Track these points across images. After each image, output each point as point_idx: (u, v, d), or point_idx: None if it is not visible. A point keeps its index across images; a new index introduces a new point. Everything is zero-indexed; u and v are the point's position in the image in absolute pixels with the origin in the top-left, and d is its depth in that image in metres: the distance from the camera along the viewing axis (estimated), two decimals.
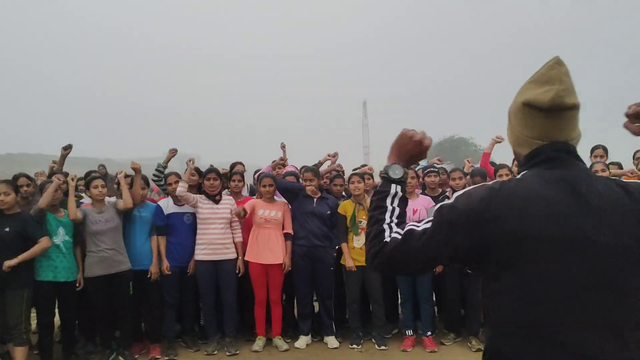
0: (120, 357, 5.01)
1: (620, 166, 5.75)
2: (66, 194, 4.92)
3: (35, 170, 5.71)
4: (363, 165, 7.07)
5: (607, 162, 5.66)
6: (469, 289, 5.21)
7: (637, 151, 6.21)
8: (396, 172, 1.56)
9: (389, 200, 1.53)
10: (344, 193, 5.87)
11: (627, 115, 1.70)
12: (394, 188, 1.55)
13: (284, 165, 6.03)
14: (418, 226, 1.41)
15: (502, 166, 5.55)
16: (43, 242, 4.56)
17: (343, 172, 6.40)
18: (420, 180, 5.91)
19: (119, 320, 5.03)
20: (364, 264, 5.14)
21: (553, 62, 1.42)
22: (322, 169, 6.39)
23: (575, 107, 1.41)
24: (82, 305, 4.96)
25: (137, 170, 5.10)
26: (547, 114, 1.40)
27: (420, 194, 5.56)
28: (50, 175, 5.24)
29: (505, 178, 5.35)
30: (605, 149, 6.14)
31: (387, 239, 1.44)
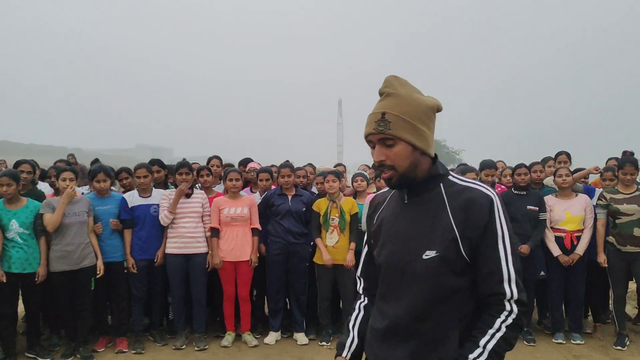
0: (78, 351, 4.90)
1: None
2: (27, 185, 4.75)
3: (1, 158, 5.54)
4: (337, 165, 7.10)
5: (571, 169, 5.80)
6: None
7: (609, 159, 6.38)
8: None
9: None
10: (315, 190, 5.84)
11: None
12: None
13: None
14: None
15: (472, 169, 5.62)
16: None
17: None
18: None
19: (78, 314, 4.91)
20: (336, 262, 5.18)
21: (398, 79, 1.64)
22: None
23: None
24: (47, 297, 4.83)
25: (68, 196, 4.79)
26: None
27: None
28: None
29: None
30: (568, 155, 6.31)
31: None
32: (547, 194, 5.53)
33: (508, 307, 1.50)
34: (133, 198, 5.22)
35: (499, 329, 1.49)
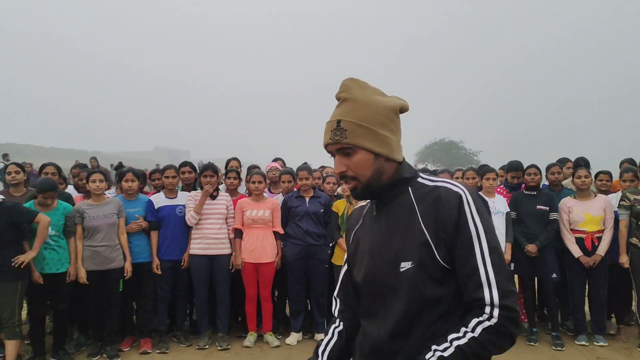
0: (105, 350, 5.01)
1: (610, 176, 5.86)
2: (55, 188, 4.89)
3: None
4: None
5: (598, 171, 5.79)
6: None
7: (623, 161, 6.35)
8: None
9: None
10: (336, 193, 5.90)
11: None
12: None
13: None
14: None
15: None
16: (42, 221, 4.52)
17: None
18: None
19: (106, 315, 5.02)
20: None
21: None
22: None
23: None
24: (76, 297, 4.95)
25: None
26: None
27: None
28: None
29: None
30: (587, 163, 6.31)
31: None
32: (566, 195, 5.52)
33: (487, 312, 1.34)
34: (159, 199, 5.33)
35: (472, 330, 1.33)
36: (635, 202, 5.01)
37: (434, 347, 1.35)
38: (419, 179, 1.52)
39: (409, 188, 1.49)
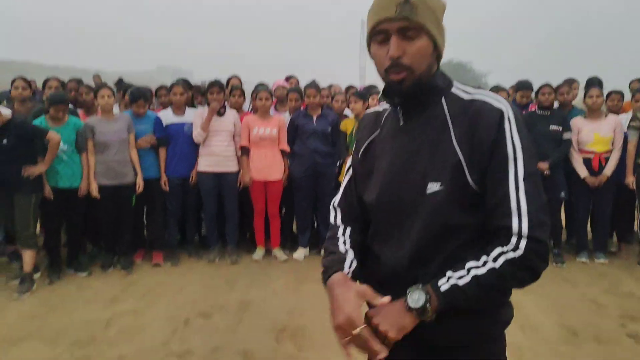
0: (119, 262, 5.17)
1: (622, 95, 5.75)
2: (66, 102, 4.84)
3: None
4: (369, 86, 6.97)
5: (609, 91, 5.70)
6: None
7: (632, 81, 6.20)
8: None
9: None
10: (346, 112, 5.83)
11: None
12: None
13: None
14: None
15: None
16: (52, 138, 4.52)
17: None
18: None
19: (121, 229, 5.14)
20: None
21: None
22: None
23: None
24: (89, 212, 5.04)
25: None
26: None
27: None
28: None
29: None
30: (600, 83, 6.16)
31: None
32: (575, 115, 5.45)
33: (513, 243, 1.18)
34: (167, 116, 5.28)
35: (494, 260, 1.19)
36: None
37: (448, 273, 1.23)
38: (454, 89, 1.33)
39: (442, 99, 1.31)
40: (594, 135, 5.19)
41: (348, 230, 1.49)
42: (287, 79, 6.71)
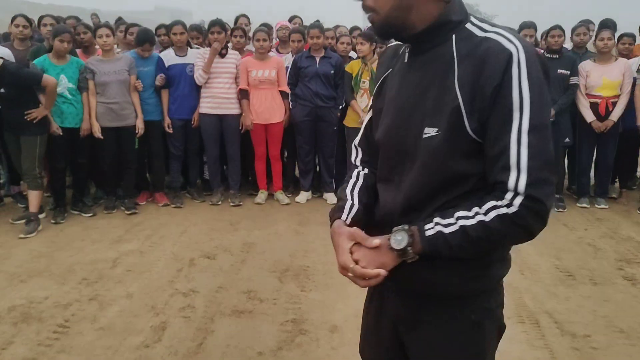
0: (123, 204, 5.22)
1: (634, 39, 5.61)
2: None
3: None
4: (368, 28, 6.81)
5: (621, 34, 5.55)
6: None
7: None
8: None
9: None
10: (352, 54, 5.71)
11: None
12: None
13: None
14: None
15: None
16: (49, 83, 4.47)
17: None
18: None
19: (124, 171, 5.16)
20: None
21: None
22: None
23: None
24: (93, 153, 5.05)
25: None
26: None
27: None
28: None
29: None
30: (614, 23, 5.97)
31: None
32: (589, 59, 5.34)
33: (508, 198, 1.11)
34: (169, 57, 5.20)
35: (485, 213, 1.13)
36: None
37: (436, 219, 1.17)
38: (468, 25, 1.21)
39: (453, 36, 1.20)
40: (603, 80, 5.11)
41: (363, 171, 1.46)
42: (291, 19, 6.55)
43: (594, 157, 5.46)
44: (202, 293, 3.52)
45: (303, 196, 5.61)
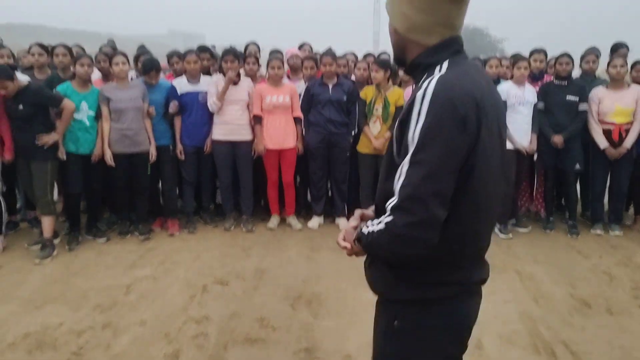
0: (136, 230, 5.26)
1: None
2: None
3: (33, 42, 5.59)
4: (382, 54, 6.87)
5: (635, 61, 5.54)
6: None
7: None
8: None
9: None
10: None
11: None
12: None
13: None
14: None
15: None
16: (67, 107, 4.57)
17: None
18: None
19: (136, 196, 5.21)
20: (377, 152, 5.24)
21: None
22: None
23: None
24: (107, 179, 5.11)
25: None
26: (461, 1, 1.39)
27: None
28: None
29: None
30: (627, 47, 5.99)
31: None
32: (598, 85, 5.35)
33: (385, 214, 1.34)
34: (181, 85, 5.27)
35: (380, 222, 1.36)
36: None
37: (377, 219, 1.38)
38: (438, 67, 1.38)
39: (425, 75, 1.40)
40: (616, 106, 5.11)
41: None
42: (300, 47, 6.65)
43: (608, 184, 5.43)
44: (215, 320, 3.53)
45: (315, 221, 5.62)
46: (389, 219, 1.32)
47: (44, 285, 4.11)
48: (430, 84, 1.30)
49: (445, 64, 1.37)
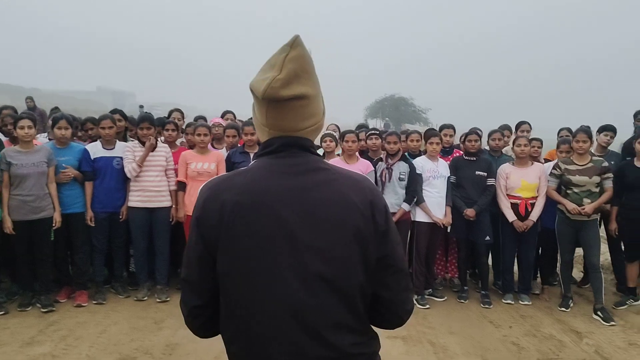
0: (39, 300, 4.90)
1: (541, 142, 6.05)
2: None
3: None
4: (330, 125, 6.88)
5: (530, 138, 5.99)
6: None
7: (561, 129, 6.55)
8: None
9: None
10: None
11: None
12: None
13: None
14: None
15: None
16: None
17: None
18: (363, 143, 5.90)
19: (38, 264, 4.89)
20: None
21: (285, 45, 1.29)
22: None
23: (296, 98, 1.28)
24: (6, 246, 4.78)
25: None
26: (267, 103, 1.30)
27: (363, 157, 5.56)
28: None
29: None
30: (530, 125, 6.54)
31: None
32: (505, 161, 5.72)
33: None
34: (96, 149, 5.14)
35: None
36: (565, 171, 5.25)
37: None
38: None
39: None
40: (522, 182, 5.45)
41: None
42: (223, 115, 6.71)
43: (517, 254, 5.70)
44: None
45: None
46: None
47: None
48: None
49: (263, 153, 1.40)
